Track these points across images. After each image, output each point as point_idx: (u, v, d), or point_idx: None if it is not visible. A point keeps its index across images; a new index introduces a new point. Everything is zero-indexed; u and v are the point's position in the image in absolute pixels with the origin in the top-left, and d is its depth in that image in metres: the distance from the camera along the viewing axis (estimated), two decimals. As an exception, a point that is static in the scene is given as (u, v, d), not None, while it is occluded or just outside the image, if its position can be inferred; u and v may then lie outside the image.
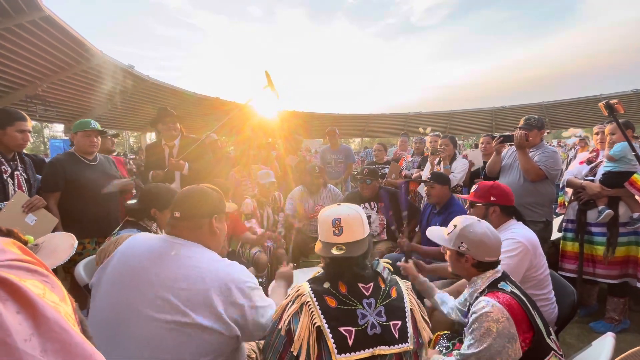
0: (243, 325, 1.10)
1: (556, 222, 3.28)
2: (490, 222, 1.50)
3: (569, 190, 2.85)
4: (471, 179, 3.73)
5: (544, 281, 1.79)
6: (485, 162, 3.54)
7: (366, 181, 3.19)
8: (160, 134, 2.94)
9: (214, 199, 1.27)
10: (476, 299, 1.35)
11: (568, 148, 10.98)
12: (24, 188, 2.23)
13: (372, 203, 3.26)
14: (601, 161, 2.67)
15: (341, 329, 1.02)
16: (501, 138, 2.95)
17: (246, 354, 1.30)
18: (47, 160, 3.08)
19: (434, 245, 2.58)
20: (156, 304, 1.03)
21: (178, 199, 1.25)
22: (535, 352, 1.22)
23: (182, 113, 13.86)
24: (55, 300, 0.43)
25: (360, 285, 1.10)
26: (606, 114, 2.11)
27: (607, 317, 2.62)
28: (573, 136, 7.37)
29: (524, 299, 1.30)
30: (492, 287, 1.35)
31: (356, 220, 1.15)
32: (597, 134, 2.83)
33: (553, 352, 1.24)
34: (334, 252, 1.10)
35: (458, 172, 3.55)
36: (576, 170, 2.84)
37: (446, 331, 1.73)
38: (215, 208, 1.25)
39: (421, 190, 3.89)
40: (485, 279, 1.39)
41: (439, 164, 3.64)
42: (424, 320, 1.13)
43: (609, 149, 2.57)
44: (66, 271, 2.51)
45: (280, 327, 1.06)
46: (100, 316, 1.09)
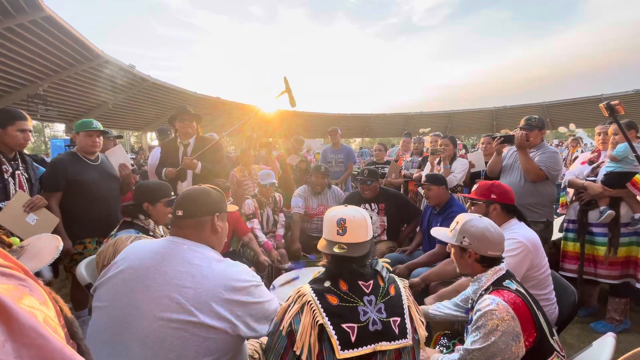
0: (248, 323, 1.11)
1: (557, 222, 3.28)
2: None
3: (571, 191, 2.85)
4: (472, 179, 3.73)
5: (544, 281, 1.79)
6: (486, 162, 3.54)
7: (366, 182, 3.20)
8: (176, 131, 2.96)
9: (215, 197, 1.28)
10: (481, 296, 1.34)
11: (564, 147, 10.94)
12: (25, 188, 2.23)
13: (372, 204, 3.26)
14: (603, 161, 2.66)
15: (344, 326, 1.03)
16: (502, 138, 2.95)
17: (249, 354, 1.30)
18: (47, 160, 3.08)
19: (434, 245, 2.59)
20: (162, 302, 1.04)
21: (180, 198, 1.27)
22: (538, 352, 1.22)
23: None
24: (33, 305, 0.42)
25: (361, 283, 1.12)
26: (607, 115, 2.11)
27: (608, 318, 2.62)
28: (568, 133, 7.25)
29: (529, 297, 1.30)
30: (497, 285, 1.34)
31: (361, 223, 1.16)
32: (598, 134, 2.83)
33: (556, 352, 1.24)
34: (336, 250, 1.12)
35: (458, 172, 3.55)
36: (578, 170, 2.84)
37: (446, 331, 1.74)
38: (217, 206, 1.27)
39: (421, 190, 3.89)
40: (490, 276, 1.37)
41: (439, 164, 3.64)
42: (419, 318, 1.16)
43: (611, 149, 2.56)
44: (67, 270, 2.52)
45: (281, 328, 1.06)
46: (105, 317, 1.09)
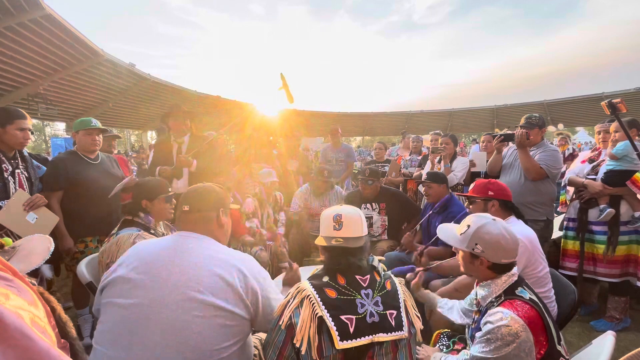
0: (255, 312, 1.14)
1: (557, 220, 3.28)
2: None
3: (571, 189, 2.85)
4: (472, 178, 3.72)
5: (543, 279, 1.79)
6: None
7: (368, 182, 3.19)
8: (169, 130, 2.95)
9: (219, 193, 1.35)
10: (491, 304, 1.29)
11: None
12: (25, 186, 2.23)
13: (373, 204, 3.26)
14: (603, 160, 2.66)
15: (342, 317, 1.08)
16: (502, 137, 2.94)
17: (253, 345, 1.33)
18: (50, 158, 3.08)
19: (434, 243, 2.59)
20: (180, 291, 1.06)
21: (185, 194, 1.32)
22: (546, 358, 1.19)
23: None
24: (21, 306, 0.42)
25: (358, 277, 1.17)
26: (609, 113, 2.11)
27: (608, 316, 2.63)
28: (556, 132, 7.27)
29: (542, 307, 1.24)
30: (509, 294, 1.26)
31: (356, 219, 1.24)
32: (598, 132, 2.82)
33: (562, 357, 1.22)
34: (333, 242, 1.19)
35: (459, 170, 3.55)
36: (578, 168, 2.84)
37: (446, 329, 1.73)
38: (221, 201, 1.34)
39: (421, 188, 3.89)
40: (501, 284, 1.30)
41: (439, 162, 3.64)
42: (415, 312, 1.20)
43: (612, 147, 2.56)
44: (69, 269, 2.53)
45: (281, 322, 1.10)
46: (123, 311, 1.07)
